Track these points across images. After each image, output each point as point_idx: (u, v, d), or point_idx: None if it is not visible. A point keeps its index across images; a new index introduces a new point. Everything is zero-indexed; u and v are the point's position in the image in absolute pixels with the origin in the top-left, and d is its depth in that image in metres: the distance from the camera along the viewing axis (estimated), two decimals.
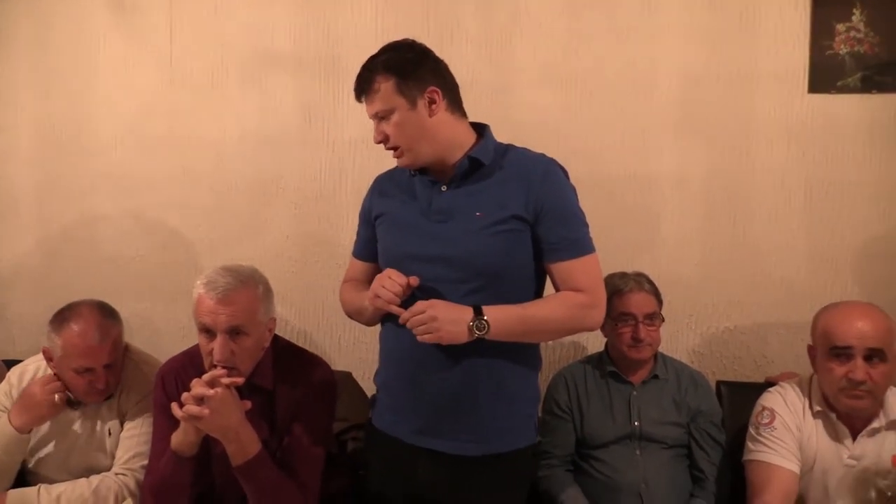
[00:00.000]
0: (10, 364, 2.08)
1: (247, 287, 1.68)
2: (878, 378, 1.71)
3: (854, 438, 1.77)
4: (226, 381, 1.58)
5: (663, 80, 2.36)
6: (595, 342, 2.27)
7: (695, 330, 2.41)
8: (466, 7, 2.43)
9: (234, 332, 1.64)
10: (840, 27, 2.27)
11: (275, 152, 2.56)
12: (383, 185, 1.77)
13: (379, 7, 2.47)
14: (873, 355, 1.70)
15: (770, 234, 2.35)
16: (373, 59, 1.59)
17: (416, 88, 1.56)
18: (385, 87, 1.55)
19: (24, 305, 2.72)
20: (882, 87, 2.26)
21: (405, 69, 1.56)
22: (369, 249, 1.77)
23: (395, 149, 1.60)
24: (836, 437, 1.78)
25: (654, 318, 2.02)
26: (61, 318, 1.83)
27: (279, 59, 2.54)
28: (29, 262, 2.72)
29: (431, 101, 1.57)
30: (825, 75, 2.29)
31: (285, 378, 1.77)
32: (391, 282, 1.54)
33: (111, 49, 2.62)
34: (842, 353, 1.73)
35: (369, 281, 1.75)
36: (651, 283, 2.06)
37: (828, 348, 1.76)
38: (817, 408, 1.81)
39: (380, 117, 1.59)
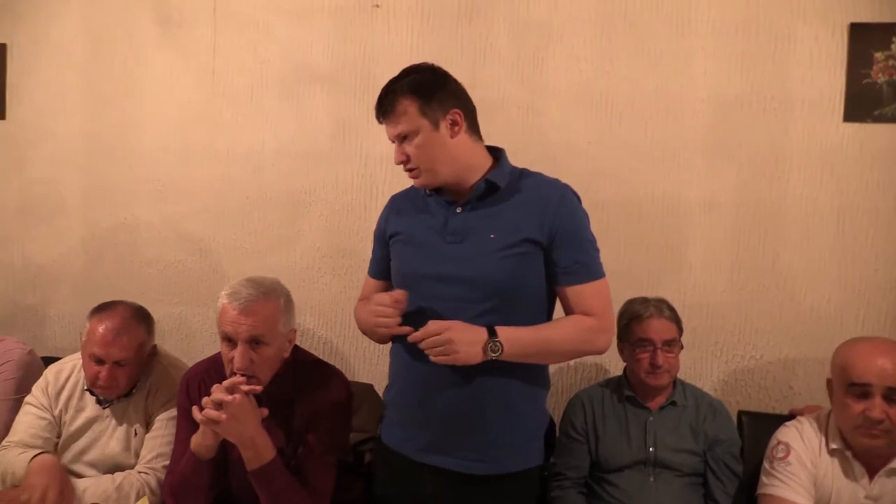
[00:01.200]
0: (49, 361, 2.18)
1: (268, 299, 1.74)
2: None
3: (871, 478, 1.72)
4: (245, 388, 1.63)
5: (695, 104, 2.35)
6: (615, 366, 2.26)
7: (720, 358, 2.38)
8: (499, 28, 2.46)
9: (255, 342, 1.70)
10: (878, 55, 2.23)
11: (309, 165, 2.63)
12: (399, 205, 1.79)
13: (414, 27, 2.52)
14: (893, 394, 1.66)
15: (800, 262, 2.31)
16: (395, 81, 1.62)
17: (440, 110, 1.59)
18: (409, 109, 1.58)
19: (66, 305, 2.84)
20: None
21: (429, 91, 1.58)
22: (383, 268, 1.80)
23: (412, 169, 1.63)
24: (852, 476, 1.74)
25: (673, 344, 2.00)
26: (98, 308, 1.96)
27: (316, 75, 2.61)
28: (72, 263, 2.84)
29: (454, 123, 1.60)
30: (862, 104, 2.25)
31: (303, 388, 1.81)
32: (381, 308, 1.59)
33: (157, 62, 2.73)
34: (860, 390, 1.69)
35: None
36: (671, 309, 2.05)
37: (846, 384, 1.72)
38: (833, 445, 1.77)
39: (401, 138, 1.61)
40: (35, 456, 1.84)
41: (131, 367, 1.93)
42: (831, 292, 2.30)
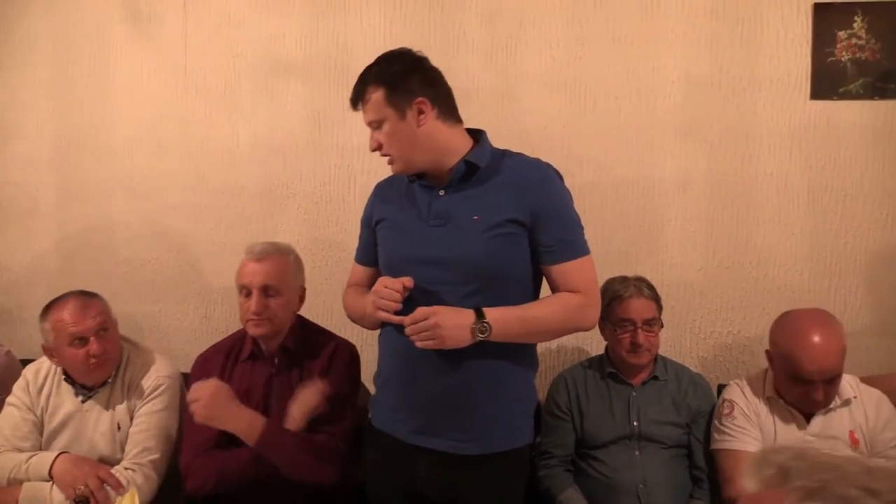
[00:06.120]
0: (27, 364, 2.15)
1: (280, 253, 1.99)
2: (833, 393, 1.84)
3: (808, 420, 1.88)
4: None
5: (666, 87, 2.39)
6: (596, 345, 2.30)
7: (698, 334, 2.43)
8: (472, 16, 2.47)
9: (268, 291, 1.90)
10: (842, 34, 2.29)
11: (285, 158, 2.62)
12: (384, 191, 1.81)
13: (387, 16, 2.52)
14: (831, 380, 1.81)
15: (773, 238, 2.37)
16: (368, 69, 1.64)
17: (405, 100, 1.59)
18: (375, 97, 1.59)
19: (42, 307, 2.78)
20: (884, 94, 2.28)
21: (394, 81, 1.59)
22: (371, 254, 1.81)
23: (387, 156, 1.65)
24: (790, 420, 1.90)
25: (654, 323, 2.03)
26: (46, 309, 1.98)
27: (290, 67, 2.60)
28: (47, 264, 2.79)
29: (420, 112, 1.60)
30: (827, 82, 2.30)
31: (312, 344, 1.99)
32: (388, 291, 1.57)
33: (128, 58, 2.69)
34: (804, 380, 1.81)
35: (372, 285, 1.80)
36: (651, 287, 2.08)
37: (789, 373, 1.84)
38: (769, 394, 1.93)
39: (373, 126, 1.63)
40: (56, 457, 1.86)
41: (111, 332, 1.98)
42: (803, 266, 2.36)
